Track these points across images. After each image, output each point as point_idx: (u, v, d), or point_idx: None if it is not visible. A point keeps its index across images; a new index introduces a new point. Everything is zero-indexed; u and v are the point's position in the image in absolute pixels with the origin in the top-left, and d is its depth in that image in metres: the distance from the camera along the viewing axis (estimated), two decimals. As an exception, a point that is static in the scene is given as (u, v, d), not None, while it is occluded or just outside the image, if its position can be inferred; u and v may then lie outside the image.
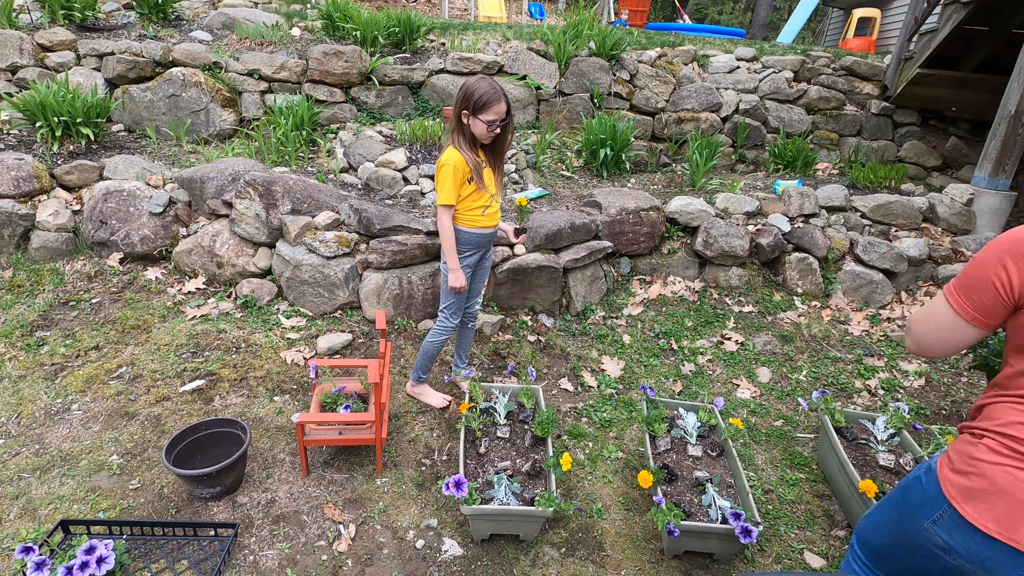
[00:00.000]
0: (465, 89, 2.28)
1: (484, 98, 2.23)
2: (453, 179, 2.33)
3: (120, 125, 4.82)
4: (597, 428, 2.92)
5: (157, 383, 2.92)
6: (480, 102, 2.24)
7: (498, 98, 2.25)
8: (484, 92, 2.24)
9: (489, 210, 2.47)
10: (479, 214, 2.45)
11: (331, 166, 4.52)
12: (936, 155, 5.90)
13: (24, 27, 5.07)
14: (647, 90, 5.82)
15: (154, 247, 3.80)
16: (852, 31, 10.20)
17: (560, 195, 4.62)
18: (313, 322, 3.47)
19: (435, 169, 2.39)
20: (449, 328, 2.71)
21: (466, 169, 2.34)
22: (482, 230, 2.50)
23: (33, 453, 2.46)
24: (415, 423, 2.82)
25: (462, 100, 2.30)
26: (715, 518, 2.13)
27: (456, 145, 2.36)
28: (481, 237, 2.52)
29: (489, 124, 2.28)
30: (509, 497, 2.13)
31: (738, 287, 4.18)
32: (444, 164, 2.34)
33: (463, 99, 2.29)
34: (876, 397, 3.32)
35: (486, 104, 2.25)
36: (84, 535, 2.00)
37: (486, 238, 2.55)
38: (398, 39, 5.64)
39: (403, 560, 2.12)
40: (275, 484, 2.40)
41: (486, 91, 2.24)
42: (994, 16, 4.92)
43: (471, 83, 2.28)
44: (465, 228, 2.47)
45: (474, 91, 2.25)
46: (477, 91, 2.24)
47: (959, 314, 1.19)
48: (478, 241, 2.52)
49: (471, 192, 2.40)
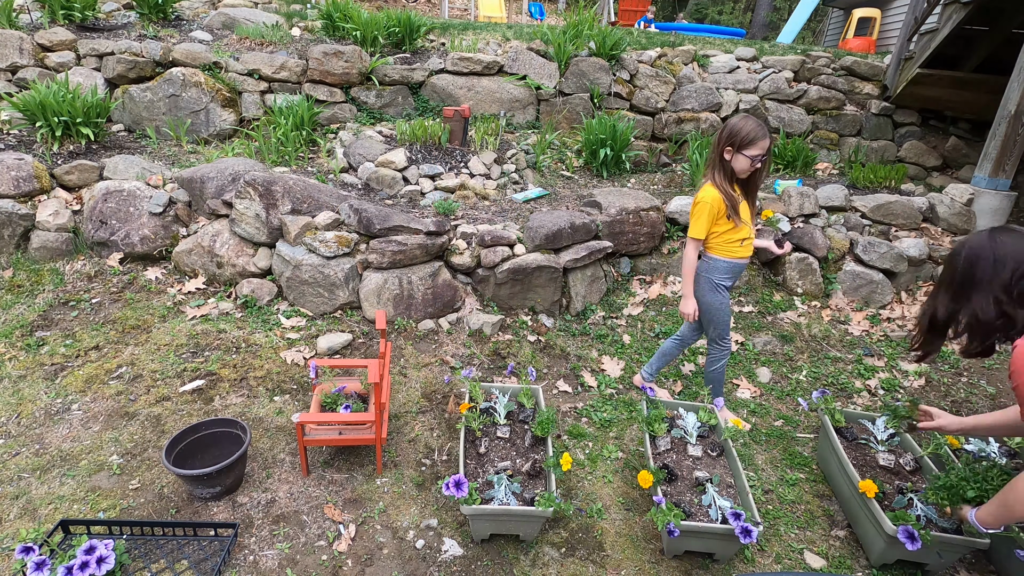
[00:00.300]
0: (730, 127, 2.39)
1: (751, 135, 2.34)
2: (708, 215, 2.47)
3: (120, 125, 4.82)
4: (597, 428, 2.92)
5: (157, 383, 2.92)
6: (747, 139, 2.34)
7: (764, 135, 2.35)
8: (752, 130, 2.34)
9: (747, 241, 2.59)
10: (738, 245, 2.58)
11: (331, 166, 4.52)
12: (936, 155, 5.90)
13: (24, 27, 5.07)
14: (647, 90, 5.82)
15: (154, 247, 3.80)
16: (852, 31, 10.21)
17: (560, 195, 4.62)
18: (313, 322, 3.47)
19: (692, 203, 2.54)
20: (728, 350, 2.82)
21: (722, 207, 2.46)
22: (740, 260, 2.62)
23: (33, 453, 2.46)
24: (415, 423, 2.82)
25: (727, 137, 2.39)
26: (715, 518, 2.12)
27: (715, 182, 2.46)
28: (738, 266, 2.64)
29: (752, 159, 2.38)
30: (509, 497, 2.13)
31: (738, 287, 4.18)
32: (701, 201, 2.46)
33: (728, 136, 2.39)
34: (876, 397, 3.32)
35: (752, 141, 2.34)
36: (84, 535, 2.00)
37: (742, 267, 2.66)
38: (398, 39, 5.64)
39: (403, 560, 2.12)
40: (275, 484, 2.40)
41: (753, 128, 2.34)
42: (994, 16, 4.92)
43: (736, 122, 2.39)
44: (724, 258, 2.61)
45: (740, 128, 2.35)
46: (744, 129, 2.35)
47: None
48: (736, 270, 2.64)
49: (729, 228, 2.52)
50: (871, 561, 2.25)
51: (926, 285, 4.34)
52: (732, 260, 2.60)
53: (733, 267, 2.62)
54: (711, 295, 2.66)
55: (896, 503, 2.21)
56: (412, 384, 3.09)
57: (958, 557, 2.18)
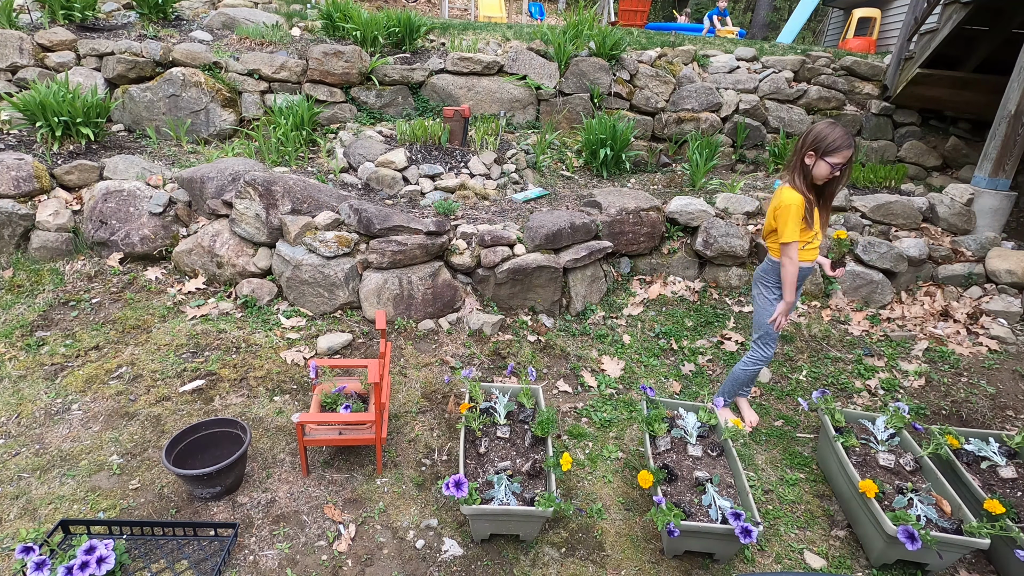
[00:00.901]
0: (816, 132, 2.37)
1: (836, 143, 2.33)
2: (796, 217, 2.43)
3: (120, 125, 4.82)
4: (597, 428, 2.92)
5: (157, 383, 2.92)
6: (832, 146, 2.33)
7: (849, 144, 2.34)
8: (838, 138, 2.33)
9: (810, 246, 2.57)
10: (801, 248, 2.54)
11: (331, 166, 4.52)
12: (936, 155, 5.90)
13: (24, 27, 5.07)
14: (647, 90, 5.82)
15: (154, 247, 3.80)
16: (852, 31, 10.20)
17: (560, 195, 4.62)
18: (313, 322, 3.47)
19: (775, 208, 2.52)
20: (766, 358, 2.80)
21: (803, 210, 2.45)
22: (806, 264, 2.59)
23: (33, 453, 2.46)
24: (415, 423, 2.82)
25: (812, 142, 2.38)
26: (715, 518, 2.12)
27: (795, 185, 2.46)
28: (805, 270, 2.62)
29: (833, 167, 2.37)
30: (509, 497, 2.13)
31: (738, 287, 4.18)
32: (789, 204, 2.43)
33: (813, 141, 2.38)
34: (876, 397, 3.32)
35: (837, 149, 2.34)
36: (84, 535, 2.01)
37: (808, 271, 2.65)
38: (398, 39, 5.64)
39: (403, 560, 2.12)
40: (275, 484, 2.40)
41: (840, 137, 2.33)
42: (994, 16, 4.92)
43: (822, 128, 2.37)
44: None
45: (826, 135, 2.34)
46: (830, 136, 2.34)
47: None
48: (802, 274, 2.62)
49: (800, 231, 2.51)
50: (871, 561, 2.25)
51: (926, 285, 4.35)
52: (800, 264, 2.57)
53: (801, 271, 2.59)
54: (770, 296, 2.66)
55: (896, 503, 2.21)
56: (412, 384, 3.09)
57: (958, 557, 2.18)
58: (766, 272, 2.66)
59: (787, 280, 2.55)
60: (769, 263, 2.64)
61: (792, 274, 2.53)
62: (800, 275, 2.59)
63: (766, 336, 2.75)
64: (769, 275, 2.64)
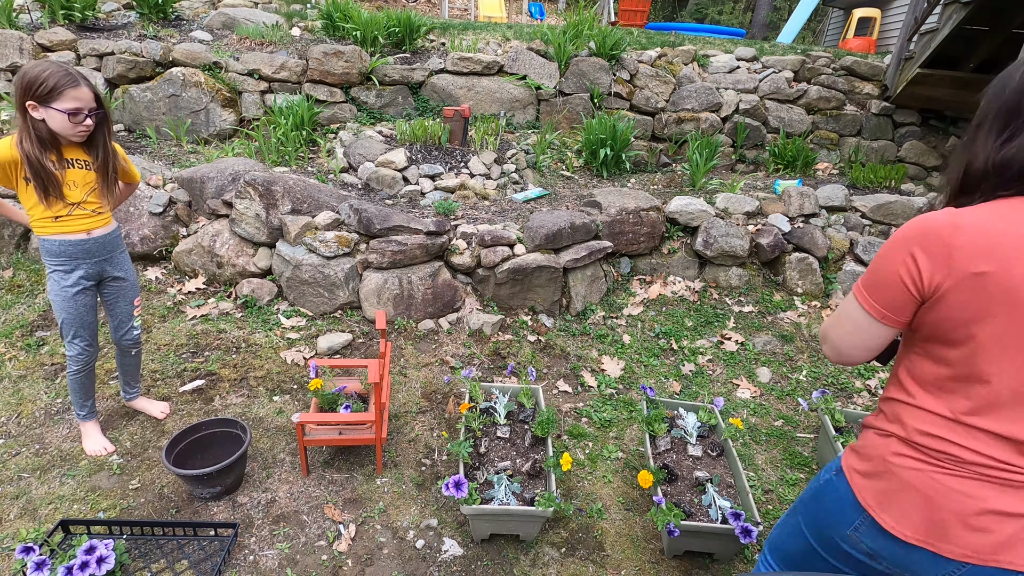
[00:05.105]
0: (25, 76, 1.91)
1: (56, 83, 1.90)
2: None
3: (120, 125, 4.82)
4: (597, 428, 2.92)
5: (157, 383, 2.92)
6: (56, 89, 1.91)
7: (73, 80, 1.93)
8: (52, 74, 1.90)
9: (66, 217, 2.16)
10: (54, 220, 2.14)
11: (331, 166, 4.52)
12: (936, 155, 5.91)
13: (24, 27, 5.07)
14: (647, 90, 5.82)
15: (154, 247, 3.80)
16: (852, 31, 10.20)
17: (560, 195, 4.62)
18: (313, 322, 3.47)
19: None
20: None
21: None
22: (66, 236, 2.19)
23: (33, 453, 2.46)
24: (415, 423, 2.82)
25: (24, 89, 1.93)
26: (715, 518, 2.13)
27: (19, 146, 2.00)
28: (67, 244, 2.21)
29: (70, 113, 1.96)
30: (509, 497, 2.13)
31: (738, 287, 4.18)
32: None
33: (26, 88, 1.92)
34: (876, 397, 3.32)
35: (60, 89, 1.91)
36: (84, 535, 2.00)
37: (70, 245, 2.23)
38: (398, 39, 5.64)
39: (403, 560, 2.12)
40: (275, 484, 2.40)
41: (53, 72, 1.90)
42: (994, 16, 4.91)
43: (29, 69, 1.91)
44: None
45: (38, 75, 1.90)
46: (42, 75, 1.90)
47: (870, 313, 1.09)
48: (66, 249, 2.20)
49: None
50: (871, 561, 2.25)
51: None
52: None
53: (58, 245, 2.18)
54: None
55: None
56: (412, 384, 3.09)
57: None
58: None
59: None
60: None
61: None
62: (63, 250, 2.13)
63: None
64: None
